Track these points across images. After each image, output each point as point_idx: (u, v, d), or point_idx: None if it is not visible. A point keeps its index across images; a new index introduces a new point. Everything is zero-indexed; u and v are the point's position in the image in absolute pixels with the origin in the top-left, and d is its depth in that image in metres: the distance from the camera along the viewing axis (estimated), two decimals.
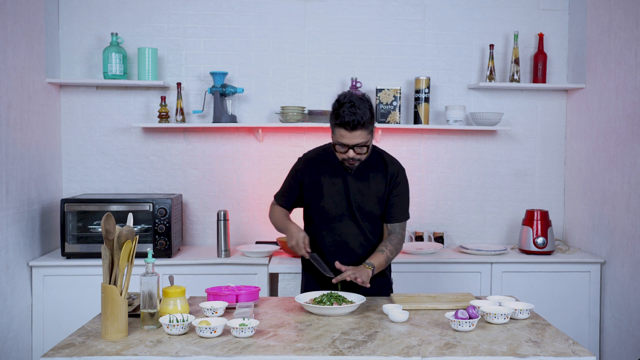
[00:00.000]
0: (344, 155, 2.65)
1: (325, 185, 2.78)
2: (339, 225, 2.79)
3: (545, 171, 4.29)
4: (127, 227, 2.20)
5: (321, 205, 2.79)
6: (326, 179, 2.78)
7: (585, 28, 3.98)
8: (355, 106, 2.56)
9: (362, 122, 2.57)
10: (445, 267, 3.79)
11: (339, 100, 2.63)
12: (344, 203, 2.77)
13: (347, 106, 2.57)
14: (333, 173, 2.78)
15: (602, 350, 3.80)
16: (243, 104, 4.16)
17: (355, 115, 2.55)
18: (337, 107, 2.60)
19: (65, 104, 4.09)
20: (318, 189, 2.79)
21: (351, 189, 2.76)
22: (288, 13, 4.15)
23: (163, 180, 4.16)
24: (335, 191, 2.77)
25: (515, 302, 2.50)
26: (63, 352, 2.02)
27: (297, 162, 2.89)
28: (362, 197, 2.77)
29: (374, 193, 2.79)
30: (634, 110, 3.45)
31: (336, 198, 2.77)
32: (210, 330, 2.14)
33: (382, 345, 2.10)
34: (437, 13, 4.20)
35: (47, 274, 3.60)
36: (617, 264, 3.62)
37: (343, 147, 2.63)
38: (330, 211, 2.78)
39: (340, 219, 2.79)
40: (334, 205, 2.77)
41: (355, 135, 2.59)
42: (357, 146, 2.62)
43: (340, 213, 2.78)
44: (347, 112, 2.56)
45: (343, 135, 2.60)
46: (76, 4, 4.05)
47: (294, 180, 2.85)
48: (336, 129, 2.61)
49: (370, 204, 2.79)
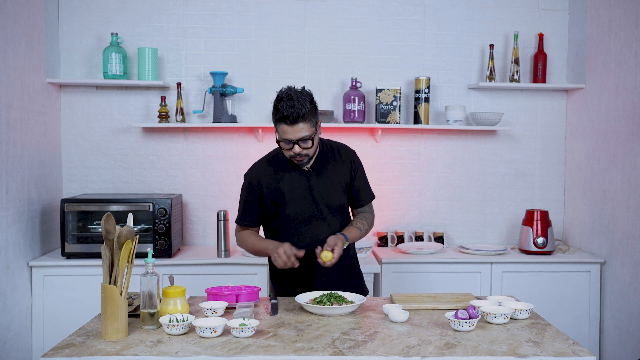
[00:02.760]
0: (290, 152, 2.58)
1: (287, 191, 2.69)
2: (308, 228, 2.71)
3: (545, 171, 4.29)
4: (127, 227, 2.20)
5: (286, 212, 2.70)
6: (286, 185, 2.70)
7: (585, 28, 3.98)
8: (294, 99, 2.50)
9: (301, 114, 2.50)
10: (445, 267, 3.79)
11: (277, 96, 2.56)
12: (311, 204, 2.70)
13: (285, 100, 2.51)
14: (291, 177, 2.70)
15: (602, 350, 3.80)
16: (243, 104, 4.16)
17: (294, 108, 2.49)
18: (276, 102, 2.54)
19: (65, 104, 4.09)
20: (280, 198, 2.70)
21: (315, 187, 2.70)
22: (288, 13, 4.15)
23: (163, 180, 4.16)
24: (299, 194, 2.69)
25: (515, 302, 2.50)
26: (63, 352, 2.02)
27: (248, 179, 2.76)
28: (327, 193, 2.72)
29: (337, 185, 2.73)
30: (634, 110, 3.45)
31: (301, 201, 2.69)
32: (210, 330, 2.14)
33: (382, 345, 2.10)
34: (437, 13, 4.20)
35: (47, 274, 3.60)
36: (617, 264, 3.62)
37: (288, 143, 2.56)
38: (297, 216, 2.70)
39: (309, 221, 2.71)
40: (299, 210, 2.70)
41: (298, 129, 2.53)
42: (301, 140, 2.55)
43: (308, 215, 2.71)
44: (285, 106, 2.50)
45: (285, 130, 2.53)
46: (76, 4, 4.05)
47: (252, 197, 2.73)
48: (278, 125, 2.55)
49: (337, 197, 2.74)
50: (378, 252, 3.92)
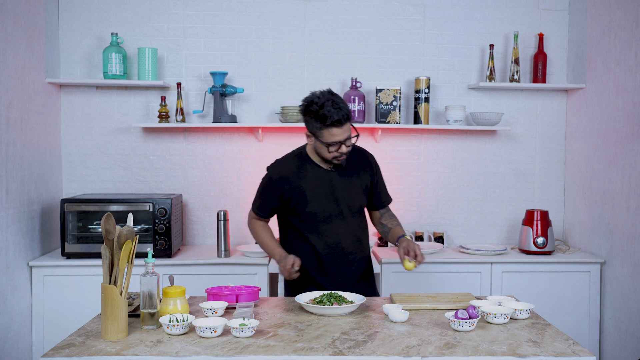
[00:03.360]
0: (336, 152, 2.64)
1: (309, 189, 2.73)
2: (328, 227, 2.75)
3: (545, 171, 4.29)
4: (127, 227, 2.20)
5: (307, 210, 2.74)
6: (308, 183, 2.73)
7: (585, 28, 3.98)
8: (336, 102, 2.57)
9: (349, 115, 2.59)
10: (445, 267, 3.79)
11: (315, 102, 2.59)
12: (332, 204, 2.74)
13: (329, 104, 2.56)
14: (314, 176, 2.74)
15: (602, 350, 3.80)
16: (243, 104, 4.16)
17: (342, 110, 2.57)
18: (318, 109, 2.57)
19: (65, 104, 4.09)
20: (301, 196, 2.73)
21: (338, 189, 2.74)
22: (288, 13, 4.15)
23: (163, 180, 4.16)
24: (321, 193, 2.73)
25: (515, 302, 2.50)
26: (63, 352, 2.02)
27: (270, 174, 2.81)
28: (349, 194, 2.76)
29: (358, 186, 2.78)
30: (634, 110, 3.45)
31: (323, 200, 2.73)
32: (210, 330, 2.14)
33: (382, 345, 2.10)
34: (437, 13, 4.20)
35: (47, 274, 3.59)
36: (617, 264, 3.62)
37: (335, 144, 2.61)
38: (318, 215, 2.74)
39: (330, 220, 2.75)
40: (321, 208, 2.73)
41: (346, 129, 2.60)
42: (347, 139, 2.63)
43: (328, 214, 2.74)
44: (332, 110, 2.55)
45: (335, 133, 2.58)
46: (76, 4, 4.05)
47: (270, 192, 2.79)
48: (325, 130, 2.58)
49: (358, 198, 2.79)
50: (378, 252, 3.92)
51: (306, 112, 2.63)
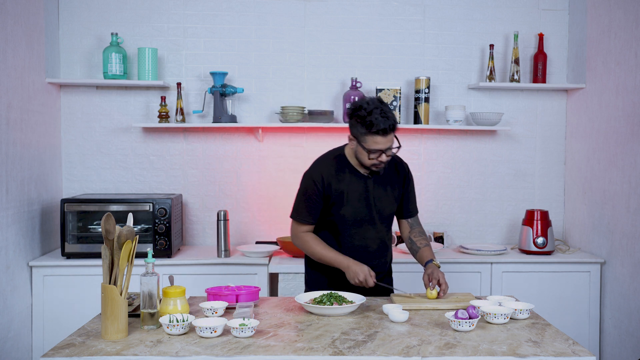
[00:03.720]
0: (376, 160, 2.63)
1: (347, 193, 2.73)
2: (357, 231, 2.76)
3: (545, 171, 4.29)
4: (127, 227, 2.20)
5: (341, 213, 2.73)
6: (346, 187, 2.73)
7: (585, 28, 3.98)
8: (384, 110, 2.55)
9: (394, 126, 2.57)
10: (445, 267, 3.78)
11: (363, 107, 2.57)
12: (365, 209, 2.74)
13: (377, 112, 2.54)
14: (350, 179, 2.74)
15: (602, 350, 3.80)
16: (243, 104, 4.16)
17: (389, 119, 2.55)
18: (366, 115, 2.55)
19: (65, 104, 4.09)
20: (339, 198, 2.73)
21: (371, 194, 2.75)
22: (288, 13, 4.15)
23: (163, 180, 4.16)
24: (356, 198, 2.73)
25: (515, 302, 2.50)
26: (63, 352, 2.02)
27: (312, 177, 2.74)
28: (381, 202, 2.77)
29: (391, 194, 2.79)
30: (634, 110, 3.45)
31: (357, 205, 2.73)
32: (210, 330, 2.14)
33: (382, 345, 2.10)
34: (437, 13, 4.20)
35: (47, 274, 3.60)
36: (617, 264, 3.62)
37: (376, 152, 2.60)
38: (350, 218, 2.74)
39: (360, 225, 2.76)
40: (354, 212, 2.73)
41: (390, 139, 2.59)
42: (389, 149, 2.62)
43: (360, 219, 2.75)
44: (380, 118, 2.53)
45: (378, 141, 2.57)
46: (76, 4, 4.05)
47: (316, 196, 2.73)
48: (369, 137, 2.57)
49: (389, 206, 2.81)
50: None
51: (353, 115, 2.61)
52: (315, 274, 2.86)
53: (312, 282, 2.88)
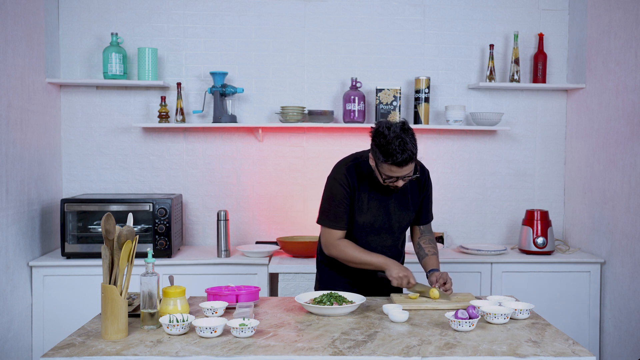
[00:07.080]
0: (392, 184, 2.57)
1: (368, 201, 2.69)
2: (375, 239, 2.75)
3: (545, 171, 4.29)
4: (127, 227, 2.20)
5: (361, 220, 2.70)
6: (367, 195, 2.69)
7: (585, 28, 3.98)
8: (405, 141, 2.44)
9: (412, 157, 2.47)
10: (445, 267, 3.78)
11: (383, 134, 2.46)
12: (384, 219, 2.72)
13: (396, 142, 2.43)
14: (373, 188, 2.69)
15: (602, 350, 3.80)
16: (243, 104, 4.16)
17: (406, 151, 2.44)
18: (385, 143, 2.45)
19: (65, 104, 4.09)
20: (360, 205, 2.69)
21: (392, 205, 2.72)
22: (288, 13, 4.15)
23: (163, 180, 4.16)
24: (376, 207, 2.70)
25: (515, 302, 2.50)
26: (63, 352, 2.02)
27: (339, 181, 2.68)
28: (401, 212, 2.74)
29: (411, 204, 2.76)
30: (634, 110, 3.45)
31: (376, 213, 2.70)
32: (210, 330, 2.14)
33: (382, 345, 2.10)
34: (437, 13, 4.20)
35: (47, 274, 3.60)
36: (617, 264, 3.62)
37: (391, 178, 2.54)
38: (368, 226, 2.72)
39: (378, 233, 2.74)
40: (373, 221, 2.71)
41: (406, 169, 2.51)
42: (406, 176, 2.55)
43: (378, 226, 2.73)
44: (398, 150, 2.43)
45: (394, 170, 2.50)
46: (76, 4, 4.05)
47: (346, 199, 2.67)
48: (385, 165, 2.48)
49: (408, 216, 2.78)
50: None
51: (373, 138, 2.53)
52: (330, 273, 2.84)
53: (325, 279, 2.85)
